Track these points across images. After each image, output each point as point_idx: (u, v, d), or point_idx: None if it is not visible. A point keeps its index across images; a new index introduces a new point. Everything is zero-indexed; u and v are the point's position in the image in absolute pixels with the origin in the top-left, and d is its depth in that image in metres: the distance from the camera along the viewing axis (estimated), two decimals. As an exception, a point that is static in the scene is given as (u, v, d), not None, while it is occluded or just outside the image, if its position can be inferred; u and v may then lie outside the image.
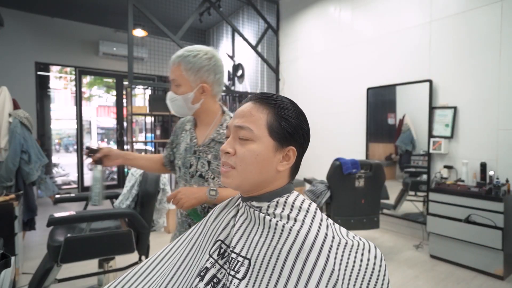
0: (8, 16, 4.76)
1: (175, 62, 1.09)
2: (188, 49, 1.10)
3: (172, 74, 1.10)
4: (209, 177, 1.11)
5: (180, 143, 1.20)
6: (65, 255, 1.63)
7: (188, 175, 1.13)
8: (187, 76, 1.08)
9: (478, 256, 2.45)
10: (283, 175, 0.66)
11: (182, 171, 1.16)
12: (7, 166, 2.60)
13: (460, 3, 2.84)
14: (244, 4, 5.14)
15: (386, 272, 0.61)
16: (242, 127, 0.63)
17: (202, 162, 1.11)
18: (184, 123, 1.24)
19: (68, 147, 13.35)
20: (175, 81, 1.10)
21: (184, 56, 1.08)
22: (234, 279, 0.58)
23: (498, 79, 2.61)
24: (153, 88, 4.62)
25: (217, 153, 1.11)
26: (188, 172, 1.13)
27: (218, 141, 1.11)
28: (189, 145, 1.15)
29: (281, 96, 0.66)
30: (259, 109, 0.64)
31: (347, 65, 3.89)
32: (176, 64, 1.09)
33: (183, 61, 1.08)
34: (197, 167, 1.12)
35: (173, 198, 1.04)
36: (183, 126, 1.24)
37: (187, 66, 1.07)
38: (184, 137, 1.20)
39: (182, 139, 1.21)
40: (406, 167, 3.39)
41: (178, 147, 1.21)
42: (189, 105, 1.11)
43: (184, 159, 1.15)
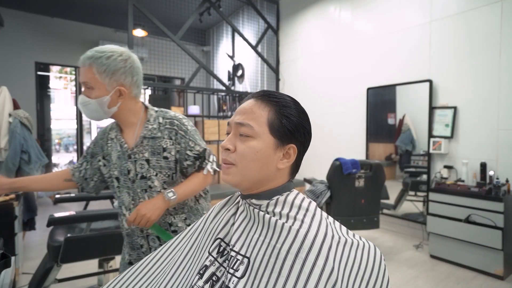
0: (8, 16, 4.76)
1: (85, 63, 1.01)
2: (100, 49, 1.02)
3: (83, 76, 1.02)
4: (152, 175, 1.08)
5: (110, 153, 1.14)
6: (65, 255, 1.63)
7: (129, 181, 1.09)
8: (101, 79, 1.01)
9: (478, 256, 2.45)
10: (283, 173, 0.66)
11: (121, 180, 1.11)
12: (7, 166, 2.60)
13: (460, 3, 2.84)
14: (244, 4, 5.14)
15: (386, 272, 0.61)
16: (242, 123, 0.63)
17: (140, 163, 1.08)
18: (106, 132, 1.18)
19: (68, 147, 13.35)
20: (87, 84, 1.02)
21: (95, 58, 1.00)
22: (233, 277, 0.58)
23: (498, 79, 2.61)
24: (153, 88, 4.62)
25: (152, 149, 1.08)
26: (128, 179, 1.09)
27: (150, 137, 1.09)
28: (121, 151, 1.10)
29: (283, 94, 0.66)
30: (261, 106, 0.63)
31: (347, 65, 3.89)
32: (87, 66, 1.01)
33: (95, 63, 1.00)
34: (136, 170, 1.08)
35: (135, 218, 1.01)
36: (107, 136, 1.17)
37: (100, 68, 1.01)
38: (112, 146, 1.14)
39: (110, 149, 1.14)
40: (406, 167, 3.39)
41: (110, 158, 1.14)
42: (105, 109, 1.04)
43: (120, 167, 1.10)
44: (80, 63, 1.02)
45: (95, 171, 1.20)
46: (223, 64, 6.08)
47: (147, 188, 1.08)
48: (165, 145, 1.09)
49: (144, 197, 1.09)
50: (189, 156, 1.11)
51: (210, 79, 6.34)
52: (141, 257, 1.13)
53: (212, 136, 4.29)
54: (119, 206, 1.15)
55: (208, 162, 1.15)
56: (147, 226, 1.03)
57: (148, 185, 1.08)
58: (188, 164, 1.12)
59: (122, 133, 1.13)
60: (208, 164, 1.15)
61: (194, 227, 0.80)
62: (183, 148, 1.10)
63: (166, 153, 1.09)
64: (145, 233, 1.11)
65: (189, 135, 1.12)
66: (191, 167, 1.13)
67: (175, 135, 1.10)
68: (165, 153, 1.09)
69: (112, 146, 1.13)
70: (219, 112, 5.77)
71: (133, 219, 1.01)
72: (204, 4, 4.27)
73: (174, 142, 1.09)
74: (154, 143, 1.08)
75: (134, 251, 1.14)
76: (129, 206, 1.10)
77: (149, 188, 1.08)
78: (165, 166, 1.08)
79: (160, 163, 1.08)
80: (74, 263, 2.12)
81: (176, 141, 1.10)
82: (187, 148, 1.11)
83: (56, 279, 1.82)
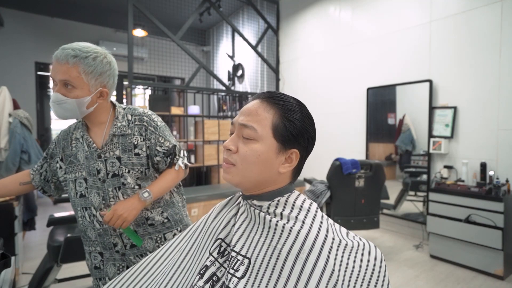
0: (8, 16, 4.76)
1: (68, 61, 0.95)
2: (83, 48, 0.98)
3: (63, 74, 0.96)
4: (124, 172, 1.06)
5: (75, 154, 1.09)
6: (65, 255, 1.63)
7: (99, 181, 1.06)
8: (87, 79, 0.98)
9: (478, 256, 2.45)
10: (284, 176, 0.66)
11: (89, 180, 1.07)
12: (7, 166, 2.60)
13: (460, 3, 2.84)
14: (244, 4, 5.14)
15: (386, 273, 0.61)
16: (246, 125, 0.62)
17: (111, 162, 1.06)
18: (70, 132, 1.13)
19: (68, 147, 13.26)
20: (68, 82, 0.97)
21: (81, 57, 0.96)
22: (234, 278, 0.58)
23: (498, 79, 2.61)
24: (153, 88, 4.62)
25: (123, 146, 1.07)
26: (97, 179, 1.07)
27: (120, 134, 1.08)
28: (88, 151, 1.07)
29: (289, 97, 0.65)
30: (266, 108, 0.63)
31: (347, 65, 3.89)
32: (70, 64, 0.96)
33: (82, 63, 0.97)
34: (107, 169, 1.06)
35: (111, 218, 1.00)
36: (70, 136, 1.12)
37: (87, 69, 0.97)
38: (78, 147, 1.09)
39: (75, 149, 1.10)
40: (406, 167, 3.39)
41: (75, 159, 1.09)
42: (83, 109, 1.01)
43: (89, 168, 1.07)
44: (60, 59, 0.95)
45: (54, 172, 1.17)
46: (223, 64, 6.08)
47: (121, 186, 1.07)
48: (135, 142, 1.08)
49: (117, 195, 1.07)
50: (159, 152, 1.11)
51: (210, 79, 6.34)
52: (114, 256, 1.12)
53: (212, 136, 4.29)
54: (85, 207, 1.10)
55: (179, 158, 1.16)
56: (123, 226, 1.02)
57: (121, 182, 1.07)
58: (158, 160, 1.12)
59: (89, 133, 1.10)
60: (179, 160, 1.16)
61: (194, 227, 0.80)
62: (153, 144, 1.10)
63: (137, 149, 1.08)
64: (119, 231, 1.10)
65: (159, 131, 1.12)
66: (161, 163, 1.13)
67: (145, 131, 1.09)
68: (136, 149, 1.08)
69: (78, 146, 1.09)
70: (219, 112, 5.77)
71: (109, 219, 1.00)
72: (204, 4, 4.27)
73: (145, 138, 1.09)
74: (125, 140, 1.08)
75: (107, 250, 1.12)
76: (100, 206, 1.08)
77: (123, 185, 1.07)
78: (137, 163, 1.08)
79: (132, 159, 1.08)
80: (74, 263, 2.12)
81: (146, 137, 1.09)
82: (157, 144, 1.11)
83: (56, 279, 1.82)
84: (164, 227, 1.16)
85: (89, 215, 1.09)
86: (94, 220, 1.09)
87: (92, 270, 1.15)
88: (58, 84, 0.97)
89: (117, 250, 1.11)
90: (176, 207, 1.20)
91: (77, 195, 1.09)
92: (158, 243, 1.14)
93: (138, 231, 1.11)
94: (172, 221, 1.18)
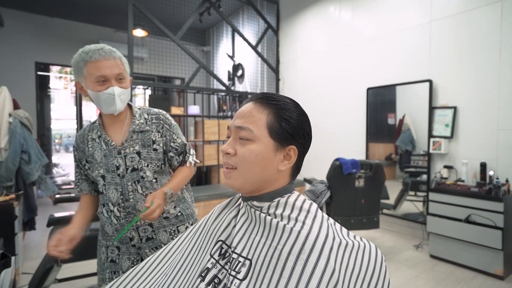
0: (8, 16, 4.76)
1: (114, 56, 1.05)
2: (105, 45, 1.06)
3: (117, 68, 1.05)
4: (143, 166, 1.13)
5: (92, 153, 1.14)
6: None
7: (118, 177, 1.11)
8: (126, 69, 1.10)
9: (478, 256, 2.45)
10: (284, 175, 0.66)
11: (108, 177, 1.12)
12: (7, 166, 2.60)
13: (460, 3, 2.84)
14: (244, 4, 5.14)
15: (387, 274, 0.62)
16: (242, 127, 0.63)
17: (131, 157, 1.12)
18: (85, 134, 1.17)
19: (68, 147, 13.35)
20: (121, 74, 1.06)
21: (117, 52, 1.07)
22: (235, 280, 0.58)
23: (498, 79, 2.61)
24: (153, 88, 4.62)
25: (143, 142, 1.14)
26: (116, 175, 1.11)
27: (139, 131, 1.14)
28: (107, 149, 1.12)
29: (282, 96, 0.66)
30: (260, 109, 0.63)
31: (347, 65, 3.89)
32: (117, 59, 1.06)
33: (121, 57, 1.08)
34: (126, 164, 1.12)
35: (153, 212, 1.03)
36: (86, 138, 1.17)
37: (125, 62, 1.09)
38: (94, 146, 1.14)
39: (92, 149, 1.14)
40: (406, 167, 3.39)
41: (93, 158, 1.14)
42: (128, 99, 1.12)
43: (107, 165, 1.12)
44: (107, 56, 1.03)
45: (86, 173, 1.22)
46: (223, 64, 6.08)
47: (140, 179, 1.13)
48: (154, 138, 1.16)
49: (136, 188, 1.12)
50: (172, 148, 1.20)
51: (210, 79, 6.34)
52: (130, 250, 1.17)
53: (212, 136, 4.29)
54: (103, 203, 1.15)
55: (190, 155, 1.25)
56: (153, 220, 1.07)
57: (140, 175, 1.12)
58: (171, 156, 1.20)
59: (106, 132, 1.15)
60: (190, 157, 1.25)
61: (195, 228, 0.80)
62: (168, 140, 1.19)
63: (155, 145, 1.16)
64: (136, 225, 1.13)
65: (173, 128, 1.21)
66: (174, 160, 1.21)
67: (162, 128, 1.18)
68: (155, 145, 1.16)
69: (94, 146, 1.14)
70: (219, 112, 5.77)
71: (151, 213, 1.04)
72: (204, 4, 4.27)
73: (162, 135, 1.17)
74: (144, 136, 1.15)
75: (123, 245, 1.16)
76: (118, 201, 1.12)
77: (141, 178, 1.13)
78: (155, 158, 1.15)
79: (151, 154, 1.15)
80: (74, 263, 2.12)
81: (163, 134, 1.18)
82: (171, 140, 1.19)
83: (56, 279, 1.82)
84: (177, 220, 1.22)
85: (107, 211, 1.14)
86: (111, 216, 1.14)
87: (107, 263, 1.19)
88: (111, 79, 1.04)
89: (133, 244, 1.16)
90: (187, 202, 1.28)
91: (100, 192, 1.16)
92: (172, 235, 1.20)
93: (154, 224, 1.16)
94: (184, 215, 1.24)
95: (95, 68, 1.02)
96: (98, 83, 1.03)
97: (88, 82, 1.05)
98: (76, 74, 1.07)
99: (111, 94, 1.04)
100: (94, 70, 1.02)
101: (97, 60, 1.02)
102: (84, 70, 1.03)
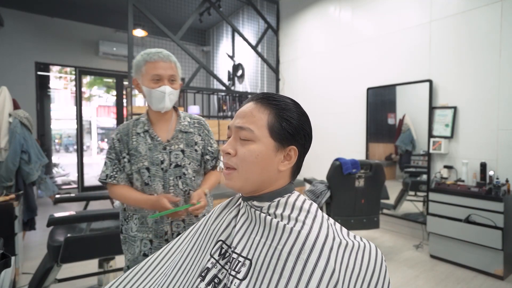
0: (8, 16, 4.76)
1: (171, 60, 1.20)
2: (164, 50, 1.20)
3: (171, 70, 1.20)
4: (186, 163, 1.23)
5: (136, 147, 1.20)
6: (65, 255, 1.63)
7: (161, 171, 1.20)
8: (179, 73, 1.25)
9: (478, 256, 2.45)
10: (284, 175, 0.66)
11: (152, 170, 1.19)
12: (7, 166, 2.60)
13: (460, 3, 2.84)
14: (244, 4, 5.14)
15: (387, 274, 0.62)
16: (242, 127, 0.63)
17: (175, 153, 1.22)
18: (129, 128, 1.23)
19: (68, 147, 13.35)
20: (174, 76, 1.20)
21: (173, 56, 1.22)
22: (235, 280, 0.58)
23: (498, 79, 2.61)
24: (153, 88, 4.61)
25: (187, 141, 1.25)
26: (160, 169, 1.20)
27: (184, 131, 1.26)
28: (152, 144, 1.21)
29: (282, 96, 0.66)
30: (260, 109, 0.63)
31: (347, 65, 3.89)
32: (172, 62, 1.20)
33: (175, 61, 1.23)
34: (170, 160, 1.21)
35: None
36: (131, 132, 1.22)
37: (178, 65, 1.24)
38: (139, 140, 1.21)
39: (136, 143, 1.20)
40: (406, 167, 3.39)
41: (136, 151, 1.20)
42: (176, 99, 1.25)
43: (152, 158, 1.20)
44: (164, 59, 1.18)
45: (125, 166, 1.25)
46: (223, 64, 6.08)
47: (181, 175, 1.22)
48: (196, 140, 1.28)
49: (177, 184, 1.22)
50: (209, 151, 1.32)
51: (210, 79, 6.34)
52: (162, 245, 1.21)
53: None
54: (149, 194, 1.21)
55: (220, 161, 1.38)
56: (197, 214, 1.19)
57: (182, 172, 1.23)
58: (207, 159, 1.32)
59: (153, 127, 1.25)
60: (220, 163, 1.38)
61: (195, 228, 0.79)
62: (206, 144, 1.32)
63: (196, 146, 1.28)
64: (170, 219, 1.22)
65: (210, 134, 1.35)
66: (208, 162, 1.33)
67: (202, 132, 1.31)
68: (196, 146, 1.28)
69: (139, 140, 1.21)
70: (219, 112, 5.77)
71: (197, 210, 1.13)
72: (204, 4, 4.27)
73: (202, 138, 1.30)
74: (188, 137, 1.27)
75: (157, 238, 1.22)
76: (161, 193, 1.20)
77: (183, 175, 1.23)
78: (195, 158, 1.27)
79: (192, 154, 1.26)
80: (74, 263, 2.12)
81: (203, 137, 1.31)
82: (208, 144, 1.33)
83: (56, 279, 1.82)
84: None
85: None
86: None
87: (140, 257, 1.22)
88: (165, 78, 1.18)
89: (166, 238, 1.22)
90: (210, 202, 1.39)
91: (143, 184, 1.21)
92: None
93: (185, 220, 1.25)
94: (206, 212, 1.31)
95: (153, 68, 1.17)
96: (153, 81, 1.17)
97: (144, 79, 1.18)
98: (135, 71, 1.22)
99: (163, 92, 1.17)
100: (151, 69, 1.17)
101: (155, 60, 1.17)
102: (143, 69, 1.18)
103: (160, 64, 1.17)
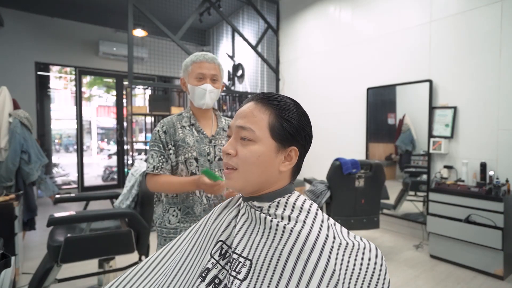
0: (8, 16, 4.76)
1: (214, 61, 1.31)
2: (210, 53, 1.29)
3: (214, 70, 1.31)
4: None
5: (183, 138, 1.28)
6: (65, 255, 1.63)
7: (208, 162, 1.29)
8: (221, 75, 1.35)
9: (478, 256, 2.45)
10: (284, 176, 0.66)
11: (200, 160, 1.28)
12: (7, 166, 2.60)
13: (460, 3, 2.84)
14: (244, 4, 5.14)
15: (387, 274, 0.61)
16: (244, 127, 0.63)
17: (219, 148, 1.32)
18: (174, 122, 1.31)
19: (68, 147, 13.34)
20: (216, 76, 1.31)
21: (217, 59, 1.33)
22: (236, 280, 0.58)
23: (498, 79, 2.61)
24: (153, 88, 4.62)
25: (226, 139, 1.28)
26: (207, 160, 1.29)
27: (225, 130, 1.37)
28: (199, 137, 1.30)
29: (283, 96, 0.66)
30: (261, 109, 0.63)
31: (347, 65, 3.89)
32: (216, 64, 1.32)
33: (219, 63, 1.34)
34: (215, 153, 1.31)
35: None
36: (177, 124, 1.31)
37: (221, 68, 1.35)
38: (185, 133, 1.29)
39: (183, 135, 1.29)
40: (406, 167, 3.39)
41: (184, 142, 1.28)
42: (217, 98, 1.34)
43: (199, 149, 1.29)
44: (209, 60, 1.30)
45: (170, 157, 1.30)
46: (223, 64, 6.08)
47: None
48: None
49: (221, 175, 1.28)
50: None
51: (210, 79, 6.32)
52: None
53: (212, 136, 4.28)
54: None
55: None
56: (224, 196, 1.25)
57: None
58: None
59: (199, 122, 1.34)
60: None
61: (195, 229, 0.79)
62: None
63: None
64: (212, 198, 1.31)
65: None
66: None
67: None
68: None
69: (185, 132, 1.30)
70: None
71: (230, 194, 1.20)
72: (204, 4, 4.27)
73: None
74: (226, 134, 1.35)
75: None
76: None
77: None
78: None
79: None
80: (74, 263, 2.12)
81: None
82: None
83: (56, 279, 1.82)
84: None
85: (199, 191, 1.28)
86: (203, 196, 1.29)
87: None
88: (207, 78, 1.29)
89: None
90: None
91: (189, 173, 1.28)
92: None
93: None
94: None
95: (198, 67, 1.29)
96: (196, 79, 1.29)
97: (190, 78, 1.30)
98: (183, 71, 1.34)
99: (204, 89, 1.28)
100: (196, 69, 1.29)
101: (201, 61, 1.29)
102: (190, 68, 1.30)
103: (205, 64, 1.29)
